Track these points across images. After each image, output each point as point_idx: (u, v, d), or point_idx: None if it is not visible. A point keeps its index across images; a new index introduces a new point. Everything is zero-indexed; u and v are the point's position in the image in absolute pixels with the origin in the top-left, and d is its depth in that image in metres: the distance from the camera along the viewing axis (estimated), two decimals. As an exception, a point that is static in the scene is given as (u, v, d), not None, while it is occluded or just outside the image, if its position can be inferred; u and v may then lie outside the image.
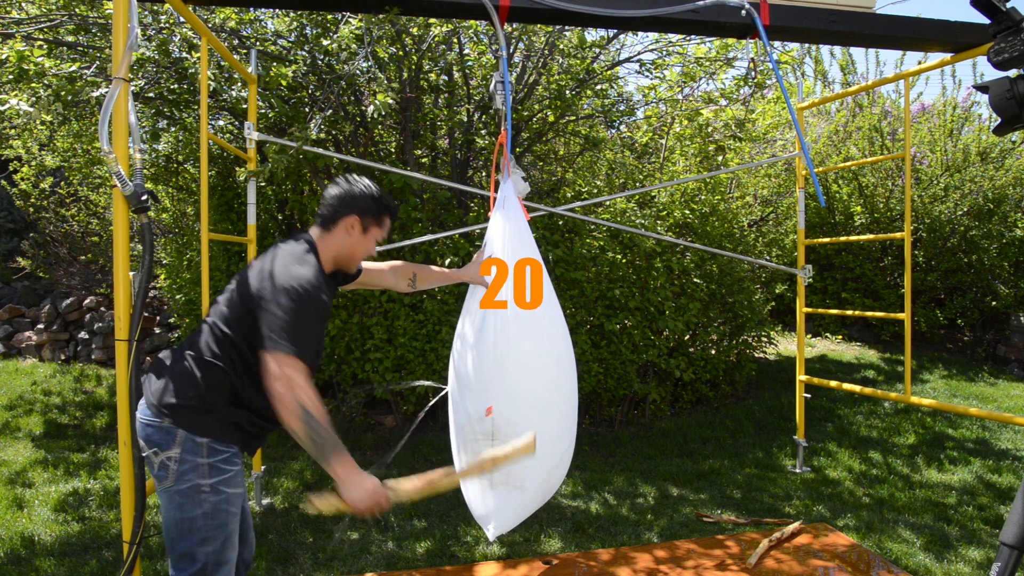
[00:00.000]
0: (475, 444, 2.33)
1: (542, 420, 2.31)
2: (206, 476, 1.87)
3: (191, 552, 1.88)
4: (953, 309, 7.83)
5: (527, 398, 2.33)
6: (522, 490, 2.32)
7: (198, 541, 1.87)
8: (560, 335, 2.48)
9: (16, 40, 3.94)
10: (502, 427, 2.25)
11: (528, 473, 2.28)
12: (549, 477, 2.42)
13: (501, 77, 2.68)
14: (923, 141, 7.88)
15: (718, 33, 3.35)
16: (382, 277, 2.45)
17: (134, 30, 2.26)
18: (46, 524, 3.63)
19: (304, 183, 5.49)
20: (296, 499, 4.04)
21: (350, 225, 2.04)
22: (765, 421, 5.70)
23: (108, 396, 6.18)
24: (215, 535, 1.89)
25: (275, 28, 4.81)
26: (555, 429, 2.40)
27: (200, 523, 1.87)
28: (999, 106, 2.12)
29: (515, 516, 2.37)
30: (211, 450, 1.88)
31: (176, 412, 1.87)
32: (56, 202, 7.83)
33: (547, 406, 2.39)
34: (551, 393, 2.41)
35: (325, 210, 2.06)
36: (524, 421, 2.26)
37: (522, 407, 2.31)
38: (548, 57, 5.46)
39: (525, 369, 2.33)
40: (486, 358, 2.34)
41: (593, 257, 5.33)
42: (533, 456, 1.96)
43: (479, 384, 2.35)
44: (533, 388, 2.34)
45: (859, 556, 3.19)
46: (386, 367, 4.99)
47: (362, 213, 2.05)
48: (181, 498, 1.86)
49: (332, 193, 2.07)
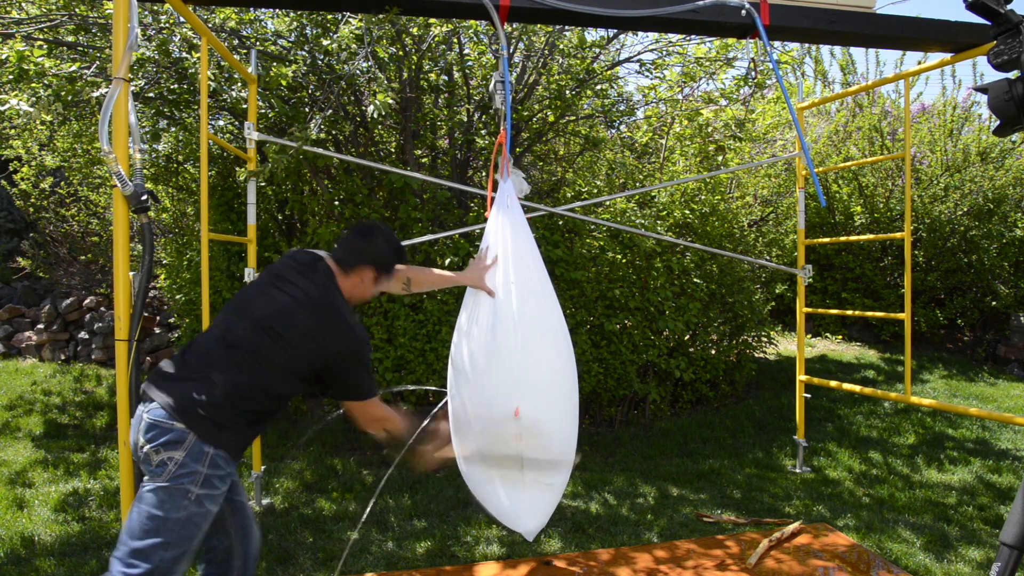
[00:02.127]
0: (493, 450, 2.37)
1: (557, 412, 2.39)
2: (198, 485, 1.88)
3: (147, 552, 1.85)
4: (953, 309, 7.83)
5: (549, 390, 2.39)
6: (552, 487, 2.41)
7: (161, 544, 1.86)
8: (560, 332, 2.50)
9: (16, 40, 3.94)
10: (529, 427, 2.32)
11: (556, 466, 2.39)
12: (570, 462, 2.49)
13: (501, 77, 2.68)
14: (923, 141, 7.88)
15: (718, 33, 3.35)
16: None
17: (134, 30, 2.26)
18: (46, 524, 3.63)
19: (304, 183, 5.49)
20: (296, 499, 4.04)
21: (364, 275, 2.20)
22: (765, 421, 5.69)
23: (108, 396, 6.18)
24: (177, 543, 1.88)
25: (275, 28, 4.80)
26: (571, 421, 2.46)
27: (172, 527, 1.87)
28: (998, 108, 2.12)
29: (548, 512, 2.44)
30: (213, 463, 1.90)
31: (196, 420, 1.89)
32: (56, 202, 7.83)
33: (562, 399, 2.43)
34: (561, 386, 2.44)
35: (346, 254, 2.20)
36: (546, 416, 2.35)
37: (542, 402, 2.37)
38: (548, 57, 5.46)
39: (529, 359, 2.36)
40: (486, 347, 2.38)
41: (593, 257, 5.32)
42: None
43: (476, 373, 2.40)
44: (547, 379, 2.40)
45: (859, 556, 3.19)
46: (386, 367, 4.99)
47: (378, 267, 2.21)
48: (165, 496, 1.86)
49: (354, 240, 2.23)
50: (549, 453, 2.36)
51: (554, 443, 2.39)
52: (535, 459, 2.34)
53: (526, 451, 2.32)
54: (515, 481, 2.38)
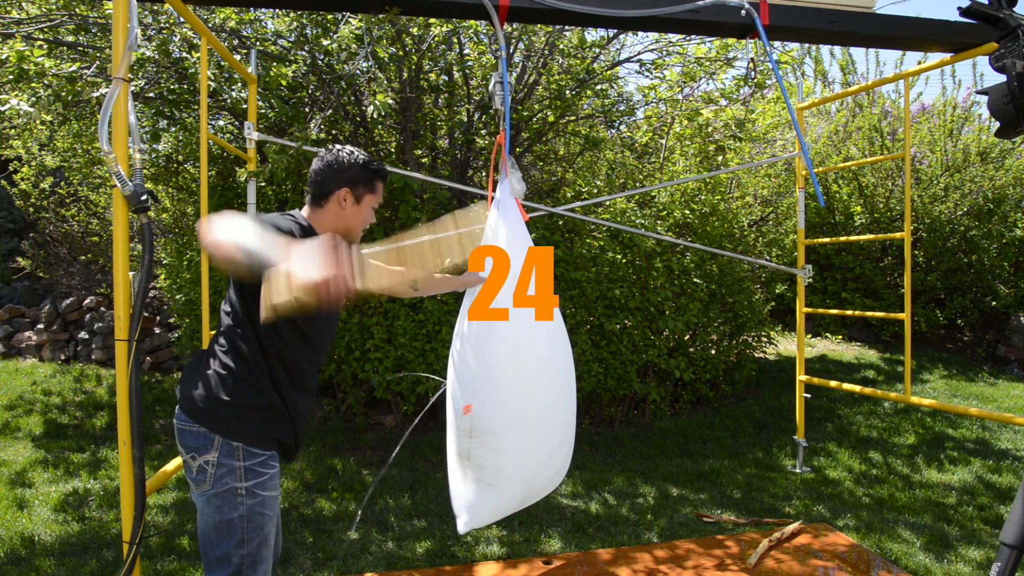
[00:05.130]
0: (456, 440, 2.33)
1: (520, 424, 2.31)
2: (242, 479, 1.89)
3: (227, 555, 1.89)
4: (953, 309, 7.82)
5: (508, 401, 2.29)
6: (496, 487, 2.31)
7: (235, 543, 1.89)
8: (560, 341, 2.47)
9: (16, 40, 3.94)
10: (479, 425, 2.26)
11: (504, 473, 2.28)
12: (532, 478, 2.39)
13: (500, 78, 2.68)
14: (923, 141, 7.88)
15: (718, 33, 3.34)
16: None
17: (134, 30, 2.26)
18: (46, 524, 3.63)
19: (304, 183, 5.49)
20: (296, 499, 4.04)
21: (342, 198, 1.98)
22: (765, 421, 5.70)
23: (108, 396, 6.18)
24: (251, 537, 1.91)
25: (275, 28, 4.81)
26: (535, 432, 2.35)
27: (237, 525, 1.89)
28: (997, 110, 2.13)
29: (489, 514, 2.35)
30: (247, 453, 1.89)
31: (209, 417, 1.88)
32: (56, 202, 7.84)
33: (526, 411, 2.34)
34: (536, 396, 2.35)
35: (314, 186, 1.99)
36: (501, 424, 2.26)
37: (500, 409, 2.29)
38: (548, 57, 5.46)
39: (513, 372, 2.30)
40: (476, 356, 2.34)
41: (593, 257, 5.33)
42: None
43: (463, 380, 2.36)
44: (518, 392, 2.30)
45: (859, 556, 3.19)
46: (386, 367, 4.99)
47: (352, 184, 1.98)
48: (219, 501, 1.88)
49: (317, 167, 2.00)
50: (499, 459, 2.27)
51: (506, 458, 2.28)
52: (480, 459, 2.27)
53: (475, 448, 2.29)
54: (462, 470, 2.34)
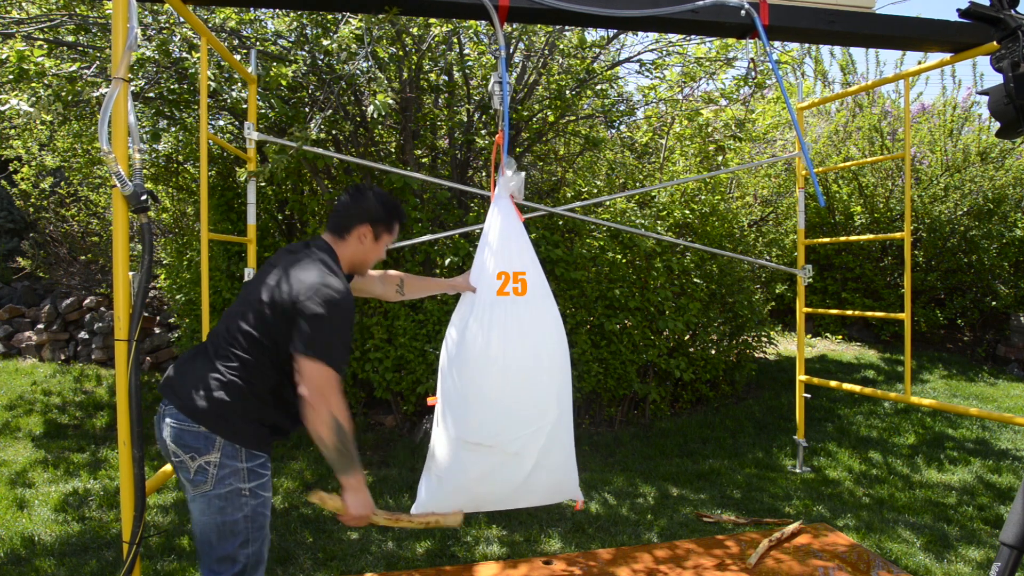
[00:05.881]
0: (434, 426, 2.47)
1: (502, 422, 2.36)
2: (245, 480, 1.90)
3: (232, 555, 1.91)
4: (953, 309, 7.82)
5: (473, 375, 2.37)
6: (443, 480, 2.45)
7: (240, 544, 1.91)
8: (556, 335, 2.49)
9: (16, 40, 3.93)
10: (443, 406, 2.42)
11: (449, 466, 2.42)
12: (525, 482, 2.42)
13: (500, 77, 2.68)
14: (923, 141, 7.88)
15: (718, 33, 3.34)
16: (371, 284, 2.47)
17: (134, 30, 2.26)
18: (46, 524, 3.63)
19: (304, 183, 5.50)
20: (296, 499, 4.04)
21: (362, 234, 2.11)
22: (765, 421, 5.70)
23: (108, 396, 6.18)
24: (255, 537, 1.93)
25: (275, 28, 4.80)
26: (518, 434, 2.37)
27: (242, 526, 1.90)
28: (998, 111, 2.13)
29: (442, 503, 2.46)
30: (248, 455, 1.91)
31: (213, 419, 1.88)
32: (56, 202, 7.84)
33: (510, 410, 2.37)
34: (519, 397, 2.38)
35: (337, 217, 2.13)
36: (462, 402, 2.37)
37: (465, 383, 2.37)
38: (548, 57, 5.46)
39: (497, 370, 2.35)
40: (462, 352, 2.40)
41: (593, 257, 5.33)
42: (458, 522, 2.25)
43: (442, 364, 2.48)
44: (483, 366, 2.36)
45: (859, 556, 3.19)
46: (386, 367, 4.99)
47: (374, 223, 2.12)
48: (222, 502, 1.88)
49: (345, 202, 2.15)
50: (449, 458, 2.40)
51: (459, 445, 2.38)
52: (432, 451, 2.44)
53: (435, 443, 2.44)
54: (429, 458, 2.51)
